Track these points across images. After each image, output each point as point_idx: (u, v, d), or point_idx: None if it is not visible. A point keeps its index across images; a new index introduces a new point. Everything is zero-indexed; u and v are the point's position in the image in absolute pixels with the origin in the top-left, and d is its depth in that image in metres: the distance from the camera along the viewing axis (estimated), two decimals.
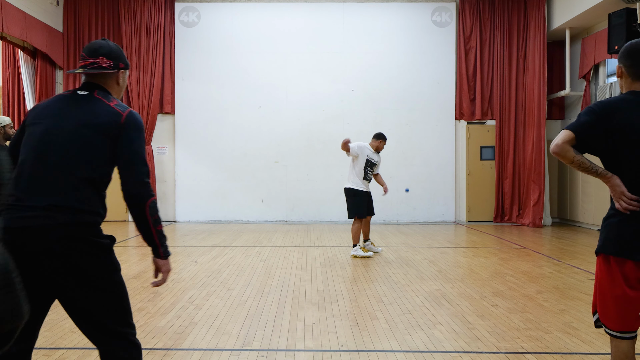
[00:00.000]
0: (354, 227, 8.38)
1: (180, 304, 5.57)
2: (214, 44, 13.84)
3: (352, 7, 13.86)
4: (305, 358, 4.07)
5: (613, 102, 2.59)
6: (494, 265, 7.77)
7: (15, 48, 13.09)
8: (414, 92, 13.81)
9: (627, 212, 2.55)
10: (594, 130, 2.55)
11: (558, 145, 2.57)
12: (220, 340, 4.45)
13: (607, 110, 2.55)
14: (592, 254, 8.95)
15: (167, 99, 13.80)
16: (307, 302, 5.67)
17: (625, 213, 2.55)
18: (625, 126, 2.51)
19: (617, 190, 2.58)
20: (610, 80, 12.12)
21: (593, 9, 11.23)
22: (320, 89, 13.80)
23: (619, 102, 2.58)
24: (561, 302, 5.66)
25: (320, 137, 13.79)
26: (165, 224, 13.27)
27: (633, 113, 2.52)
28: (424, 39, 13.83)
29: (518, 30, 13.60)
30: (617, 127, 2.52)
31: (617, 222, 2.61)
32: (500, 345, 4.31)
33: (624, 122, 2.51)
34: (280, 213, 13.86)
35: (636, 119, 2.52)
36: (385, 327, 4.81)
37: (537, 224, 12.88)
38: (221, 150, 13.81)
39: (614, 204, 2.62)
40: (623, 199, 2.55)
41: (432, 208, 13.80)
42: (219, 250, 9.16)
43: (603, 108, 2.56)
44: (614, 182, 2.59)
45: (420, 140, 13.79)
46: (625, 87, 2.69)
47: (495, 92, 13.71)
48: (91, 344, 4.30)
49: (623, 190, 2.56)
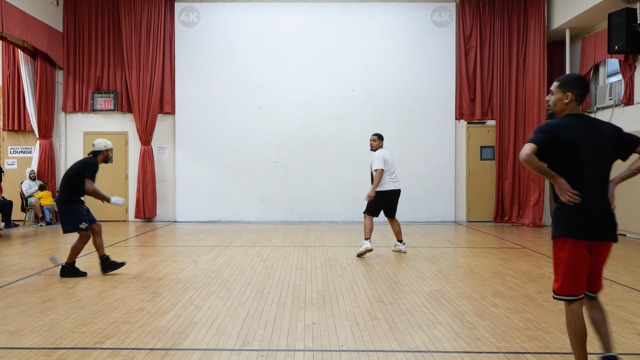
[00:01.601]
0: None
1: (180, 304, 5.56)
2: (214, 44, 13.85)
3: (352, 7, 13.86)
4: (305, 358, 4.07)
5: (558, 123, 3.39)
6: (494, 265, 7.77)
7: (15, 48, 13.10)
8: (414, 92, 13.81)
9: (571, 203, 3.32)
10: (547, 143, 3.32)
11: (528, 155, 3.28)
12: (220, 340, 4.45)
13: (554, 129, 3.35)
14: None
15: (167, 99, 13.80)
16: (307, 302, 5.67)
17: (569, 205, 3.32)
18: (564, 141, 3.33)
19: (563, 187, 3.34)
20: (610, 80, 12.12)
21: (593, 9, 11.23)
22: (320, 89, 13.80)
23: (561, 124, 3.39)
24: (561, 302, 5.64)
25: (320, 137, 13.79)
26: (165, 224, 13.28)
27: (571, 131, 3.35)
28: (424, 39, 13.83)
29: (518, 30, 13.60)
30: (560, 141, 3.33)
31: (564, 213, 3.36)
32: (500, 345, 4.31)
33: (564, 138, 3.33)
34: (280, 213, 13.86)
35: (572, 135, 3.33)
36: (385, 327, 4.81)
37: (537, 224, 12.88)
38: (221, 150, 13.81)
39: (559, 199, 3.37)
40: (567, 194, 3.32)
41: (432, 208, 13.81)
42: (219, 250, 9.16)
43: (551, 128, 3.36)
44: (561, 181, 3.35)
45: (420, 140, 13.79)
46: (567, 110, 3.46)
47: (495, 92, 13.71)
48: (91, 344, 4.31)
49: (568, 187, 3.33)
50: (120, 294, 6.01)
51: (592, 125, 3.38)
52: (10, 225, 12.36)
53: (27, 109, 13.34)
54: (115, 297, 5.84)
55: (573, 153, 3.33)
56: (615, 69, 11.85)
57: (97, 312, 5.27)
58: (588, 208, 3.30)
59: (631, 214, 10.80)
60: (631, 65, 10.89)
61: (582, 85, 3.44)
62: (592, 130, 3.37)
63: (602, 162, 3.36)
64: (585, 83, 3.46)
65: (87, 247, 9.49)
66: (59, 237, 10.87)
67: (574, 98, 3.42)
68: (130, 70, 13.66)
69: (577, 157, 3.33)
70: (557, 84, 3.49)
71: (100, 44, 13.86)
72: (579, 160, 3.32)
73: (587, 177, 3.33)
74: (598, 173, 3.35)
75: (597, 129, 3.39)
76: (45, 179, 13.47)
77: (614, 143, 3.40)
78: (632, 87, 10.90)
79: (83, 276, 6.88)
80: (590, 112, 12.54)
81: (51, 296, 5.89)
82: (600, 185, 3.35)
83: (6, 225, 12.22)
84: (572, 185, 3.33)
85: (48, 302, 5.64)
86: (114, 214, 13.70)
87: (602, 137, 3.37)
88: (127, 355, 4.08)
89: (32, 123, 13.37)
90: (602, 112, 12.04)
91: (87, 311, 5.29)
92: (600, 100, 12.04)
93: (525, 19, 13.53)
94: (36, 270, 7.38)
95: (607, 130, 3.42)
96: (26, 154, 14.02)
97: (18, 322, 4.92)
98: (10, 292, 6.07)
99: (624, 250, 9.31)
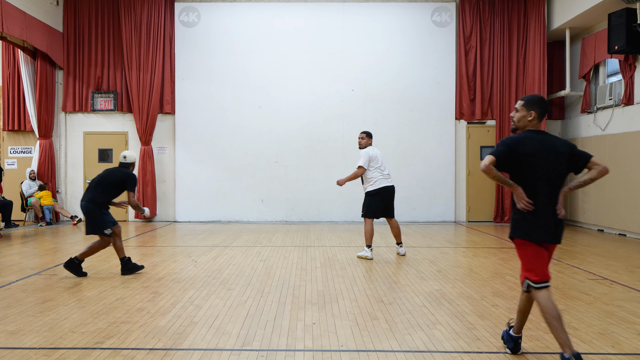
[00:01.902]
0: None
1: (180, 304, 5.57)
2: (214, 44, 13.85)
3: (352, 7, 13.87)
4: (305, 358, 4.07)
5: (518, 138, 3.83)
6: (494, 265, 7.77)
7: (15, 48, 13.10)
8: (414, 92, 13.81)
9: (525, 210, 3.76)
10: (506, 156, 3.76)
11: (487, 166, 3.72)
12: (220, 340, 4.45)
13: (514, 143, 3.78)
14: (593, 254, 8.98)
15: (167, 99, 13.80)
16: (307, 302, 5.67)
17: (524, 211, 3.77)
18: (522, 154, 3.75)
19: (519, 196, 3.77)
20: (610, 80, 12.12)
21: (593, 9, 11.23)
22: (320, 89, 13.80)
23: (521, 138, 3.82)
24: (561, 302, 5.66)
25: (320, 137, 13.79)
26: (165, 224, 13.28)
27: (529, 146, 3.76)
28: (424, 39, 13.83)
29: (518, 30, 13.60)
30: (518, 154, 3.75)
31: (521, 218, 3.81)
32: (500, 345, 4.31)
33: (523, 151, 3.76)
34: (280, 213, 13.86)
35: (530, 149, 3.76)
36: (385, 327, 4.81)
37: None
38: (221, 150, 13.81)
39: (516, 206, 3.81)
40: (523, 202, 3.75)
41: (432, 208, 13.81)
42: (219, 250, 9.16)
43: (512, 141, 3.79)
44: (519, 190, 3.79)
45: (420, 140, 13.79)
46: (529, 126, 3.89)
47: (495, 92, 13.71)
48: (91, 344, 4.31)
49: (524, 195, 3.77)
50: (120, 294, 6.01)
51: (549, 141, 3.81)
52: (10, 225, 12.36)
53: (27, 109, 13.34)
54: (115, 297, 5.84)
55: (529, 165, 3.76)
56: (615, 69, 11.85)
57: (97, 312, 5.27)
58: (540, 215, 3.76)
59: (631, 214, 10.81)
60: (631, 65, 10.89)
61: (544, 105, 3.91)
62: (548, 146, 3.79)
63: (554, 175, 3.77)
64: (545, 103, 3.94)
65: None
66: (59, 237, 10.87)
67: (536, 116, 3.87)
68: (130, 70, 13.66)
69: (533, 169, 3.75)
70: (522, 102, 3.91)
71: (100, 44, 13.86)
72: (534, 171, 3.75)
73: (541, 187, 3.75)
74: (550, 184, 3.76)
75: (553, 145, 3.81)
76: (45, 179, 13.47)
77: (567, 158, 3.82)
78: (632, 87, 10.90)
79: (83, 276, 6.89)
80: (590, 112, 12.55)
81: (51, 296, 5.89)
82: (551, 195, 3.77)
83: (6, 225, 12.23)
84: (528, 193, 3.76)
85: (48, 302, 5.64)
86: (114, 214, 13.69)
87: (557, 152, 3.79)
88: (127, 355, 4.08)
89: (32, 123, 13.37)
90: (602, 112, 12.05)
91: (87, 311, 5.29)
92: (600, 100, 12.04)
93: (525, 19, 13.53)
94: (36, 270, 7.38)
95: (562, 147, 3.83)
96: (26, 154, 14.02)
97: (18, 322, 4.93)
98: (10, 292, 6.07)
99: (624, 250, 9.31)
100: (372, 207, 8.27)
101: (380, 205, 8.29)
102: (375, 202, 8.26)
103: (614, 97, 11.44)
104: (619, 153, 11.27)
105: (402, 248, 8.57)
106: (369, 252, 8.24)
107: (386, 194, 8.30)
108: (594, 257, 8.49)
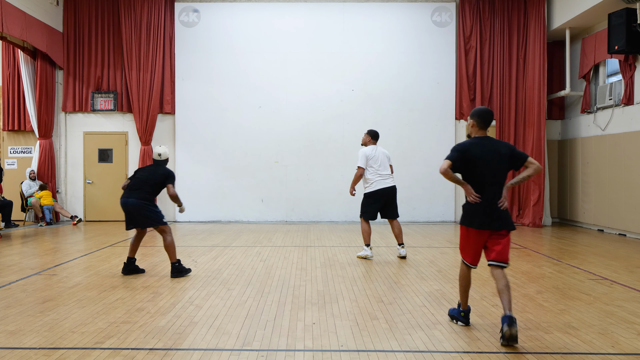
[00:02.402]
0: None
1: (180, 304, 5.57)
2: (214, 44, 13.85)
3: (352, 7, 13.87)
4: (305, 358, 4.07)
5: (467, 144, 4.70)
6: None
7: (15, 48, 13.10)
8: (414, 92, 13.81)
9: (473, 202, 4.59)
10: (459, 159, 4.59)
11: (445, 169, 4.53)
12: (220, 340, 4.45)
13: (464, 149, 4.64)
14: (593, 254, 8.98)
15: (167, 99, 13.80)
16: (307, 302, 5.67)
17: (472, 203, 4.60)
18: (471, 158, 4.59)
19: (469, 191, 4.62)
20: (610, 80, 12.12)
21: (593, 9, 11.23)
22: (320, 89, 13.80)
23: (469, 144, 4.68)
24: (561, 302, 5.66)
25: (320, 137, 13.79)
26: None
27: (476, 150, 4.61)
28: (424, 39, 13.83)
29: (518, 30, 13.60)
30: (468, 158, 4.59)
31: (468, 208, 4.66)
32: (500, 345, 4.31)
33: (471, 156, 4.59)
34: (280, 213, 13.86)
35: (477, 153, 4.59)
36: (385, 327, 4.81)
37: (537, 224, 12.88)
38: (221, 150, 13.81)
39: (467, 198, 4.63)
40: (471, 196, 4.59)
41: (432, 208, 13.81)
42: (219, 250, 9.16)
43: (462, 147, 4.66)
44: (468, 187, 4.62)
45: (420, 140, 13.79)
46: (473, 133, 4.77)
47: (495, 92, 13.71)
48: (91, 344, 4.31)
49: (472, 191, 4.60)
50: (120, 294, 6.01)
51: (493, 145, 4.65)
52: (10, 225, 12.36)
53: (27, 109, 13.34)
54: (115, 297, 5.84)
55: (476, 166, 4.58)
56: (615, 69, 11.85)
57: (97, 312, 5.27)
58: (486, 207, 4.58)
59: (631, 214, 10.81)
60: (631, 65, 10.89)
61: (482, 114, 4.72)
62: (491, 149, 4.62)
63: (497, 173, 4.60)
64: (484, 113, 4.73)
65: (86, 249, 9.50)
66: (59, 237, 10.88)
67: (476, 124, 4.73)
68: (130, 70, 13.66)
69: (480, 169, 4.58)
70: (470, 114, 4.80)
71: (100, 44, 13.86)
72: (480, 171, 4.58)
73: (486, 184, 4.58)
74: (494, 181, 4.58)
75: (496, 148, 4.63)
76: (45, 179, 13.47)
77: (508, 159, 4.63)
78: (632, 87, 10.90)
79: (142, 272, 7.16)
80: (590, 112, 12.55)
81: (51, 296, 5.89)
82: (495, 191, 4.59)
83: (6, 225, 12.23)
84: (476, 189, 4.60)
85: (48, 302, 5.64)
86: (114, 214, 13.71)
87: (499, 154, 4.61)
88: (127, 355, 4.08)
89: (32, 123, 13.37)
90: (602, 112, 12.05)
91: (87, 311, 5.29)
92: (600, 100, 12.04)
93: (525, 19, 13.53)
94: (36, 270, 7.38)
95: (504, 149, 4.65)
96: (26, 154, 14.02)
97: (18, 322, 4.93)
98: (10, 292, 6.07)
99: (624, 250, 9.31)
100: (366, 209, 8.20)
101: (376, 207, 8.17)
102: (370, 204, 8.17)
103: (614, 97, 11.44)
104: (619, 153, 11.27)
105: (403, 249, 8.25)
106: (368, 250, 8.21)
107: (383, 195, 8.12)
108: (594, 257, 8.49)
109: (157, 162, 7.33)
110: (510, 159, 4.62)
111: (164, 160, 7.35)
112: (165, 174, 7.19)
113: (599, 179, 12.00)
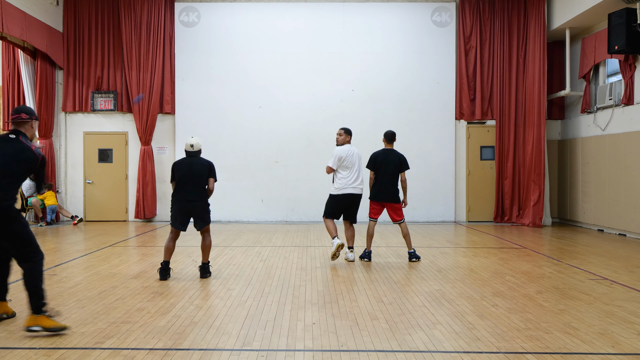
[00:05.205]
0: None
1: (180, 304, 5.57)
2: (214, 44, 13.84)
3: (352, 7, 13.86)
4: (305, 358, 4.07)
5: (377, 153, 8.11)
6: (494, 265, 7.77)
7: (15, 48, 13.09)
8: (414, 92, 13.81)
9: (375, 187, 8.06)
10: (372, 165, 8.06)
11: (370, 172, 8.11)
12: (220, 340, 4.45)
13: (375, 157, 8.09)
14: (593, 254, 8.98)
15: (167, 99, 13.80)
16: (307, 302, 5.68)
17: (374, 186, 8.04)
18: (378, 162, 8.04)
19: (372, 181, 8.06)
20: (610, 80, 12.12)
21: (593, 9, 11.23)
22: (320, 89, 13.80)
23: (378, 153, 8.11)
24: (561, 302, 5.67)
25: (320, 137, 13.77)
26: (165, 224, 13.27)
27: (381, 157, 8.06)
28: (424, 39, 13.83)
29: (518, 30, 13.60)
30: (377, 163, 8.04)
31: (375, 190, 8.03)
32: (500, 345, 4.31)
33: (378, 161, 8.05)
34: (280, 213, 13.86)
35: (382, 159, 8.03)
36: (385, 327, 4.81)
37: (537, 224, 12.88)
38: (221, 150, 13.80)
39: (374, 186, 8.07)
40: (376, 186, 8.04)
41: (432, 208, 13.80)
42: (219, 250, 9.16)
43: (374, 156, 8.10)
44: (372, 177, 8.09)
45: (420, 140, 13.78)
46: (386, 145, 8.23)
47: (495, 92, 13.71)
48: (91, 344, 4.31)
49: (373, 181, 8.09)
50: (120, 294, 6.01)
51: (390, 155, 8.10)
52: None
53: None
54: (115, 297, 5.84)
55: (379, 168, 7.97)
56: (615, 69, 11.85)
57: (97, 312, 5.27)
58: (381, 189, 7.98)
59: (631, 214, 10.81)
60: (631, 65, 10.89)
61: (387, 136, 8.25)
62: (387, 157, 8.03)
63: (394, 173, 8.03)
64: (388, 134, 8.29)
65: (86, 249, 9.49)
66: (60, 237, 10.88)
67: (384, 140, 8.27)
68: (130, 70, 13.66)
69: (382, 170, 7.96)
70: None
71: (100, 44, 13.86)
72: (384, 171, 8.00)
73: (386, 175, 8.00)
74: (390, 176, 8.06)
75: (392, 157, 8.11)
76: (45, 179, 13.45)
77: (399, 164, 8.05)
78: (632, 87, 10.90)
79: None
80: (590, 112, 12.55)
81: (51, 296, 5.88)
82: (392, 178, 8.04)
83: None
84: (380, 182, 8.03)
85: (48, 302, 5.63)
86: (114, 214, 13.71)
87: (393, 161, 8.02)
88: (127, 355, 4.09)
89: None
90: (602, 112, 12.05)
91: (87, 311, 5.30)
92: (600, 100, 12.04)
93: (525, 19, 13.53)
94: None
95: (395, 158, 8.05)
96: None
97: (18, 322, 4.93)
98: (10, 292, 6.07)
99: (624, 250, 9.31)
100: (331, 210, 8.05)
101: (338, 209, 8.05)
102: (333, 205, 8.03)
103: (614, 97, 11.44)
104: (619, 153, 11.27)
105: (351, 254, 8.05)
106: (337, 239, 7.73)
107: (346, 202, 7.97)
108: (594, 257, 8.49)
109: (189, 154, 7.02)
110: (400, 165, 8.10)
111: (196, 151, 7.05)
112: (209, 166, 7.06)
113: (599, 179, 12.00)
